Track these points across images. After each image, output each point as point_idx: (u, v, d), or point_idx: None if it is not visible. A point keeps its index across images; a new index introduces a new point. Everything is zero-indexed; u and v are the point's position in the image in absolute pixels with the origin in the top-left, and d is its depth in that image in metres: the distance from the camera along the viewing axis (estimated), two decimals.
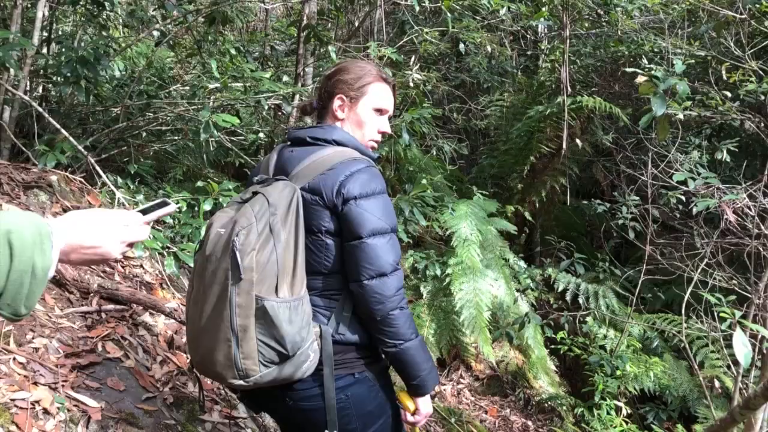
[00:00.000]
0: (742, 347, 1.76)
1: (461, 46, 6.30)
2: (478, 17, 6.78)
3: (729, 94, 4.04)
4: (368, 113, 1.97)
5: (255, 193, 1.78)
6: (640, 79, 2.77)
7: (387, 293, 1.75)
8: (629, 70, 3.05)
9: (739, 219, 3.83)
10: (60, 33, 5.33)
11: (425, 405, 1.95)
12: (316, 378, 1.77)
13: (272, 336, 1.65)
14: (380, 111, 2.00)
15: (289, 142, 1.98)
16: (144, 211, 1.27)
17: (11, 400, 2.31)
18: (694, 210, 3.65)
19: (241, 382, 1.69)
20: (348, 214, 1.76)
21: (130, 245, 1.21)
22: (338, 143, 1.87)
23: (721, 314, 2.09)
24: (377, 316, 1.77)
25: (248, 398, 1.96)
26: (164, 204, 1.32)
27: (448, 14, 5.33)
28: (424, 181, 4.87)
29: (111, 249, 1.15)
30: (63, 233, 1.07)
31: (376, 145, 2.04)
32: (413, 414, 1.95)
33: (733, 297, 2.79)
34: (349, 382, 1.83)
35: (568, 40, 5.81)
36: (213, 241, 1.72)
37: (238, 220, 1.69)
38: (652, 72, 2.74)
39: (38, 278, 0.97)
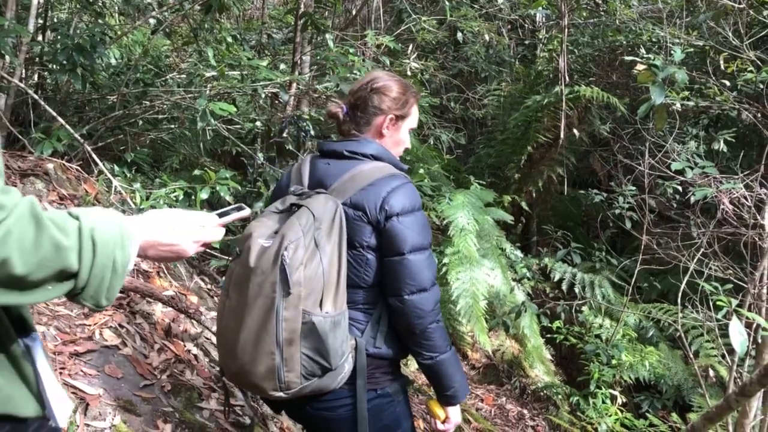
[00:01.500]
0: (738, 335, 1.77)
1: (459, 35, 6.28)
2: (476, 5, 6.76)
3: (728, 83, 4.03)
4: (406, 133, 2.00)
5: (295, 205, 1.79)
6: (640, 67, 2.77)
7: (426, 308, 1.79)
8: (628, 58, 3.05)
9: (736, 209, 3.84)
10: (55, 20, 5.29)
11: (455, 414, 1.99)
12: (343, 389, 1.80)
13: (317, 350, 1.68)
14: (410, 131, 2.04)
15: (319, 153, 1.99)
16: (220, 215, 1.34)
17: None
18: (692, 199, 3.66)
19: (281, 394, 1.71)
20: (391, 230, 1.78)
21: (205, 245, 1.27)
22: (375, 158, 1.88)
23: (718, 303, 2.10)
24: (417, 330, 1.80)
25: (270, 401, 1.97)
26: (240, 209, 1.39)
27: (447, 2, 5.30)
28: (421, 171, 4.86)
29: (186, 248, 1.22)
30: (142, 231, 1.13)
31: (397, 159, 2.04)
32: (443, 422, 2.00)
33: (729, 286, 2.81)
34: (370, 396, 1.86)
35: (566, 30, 5.79)
36: (257, 253, 1.71)
37: (286, 234, 1.69)
38: (651, 61, 2.74)
39: (118, 273, 1.04)
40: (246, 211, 1.39)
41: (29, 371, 1.10)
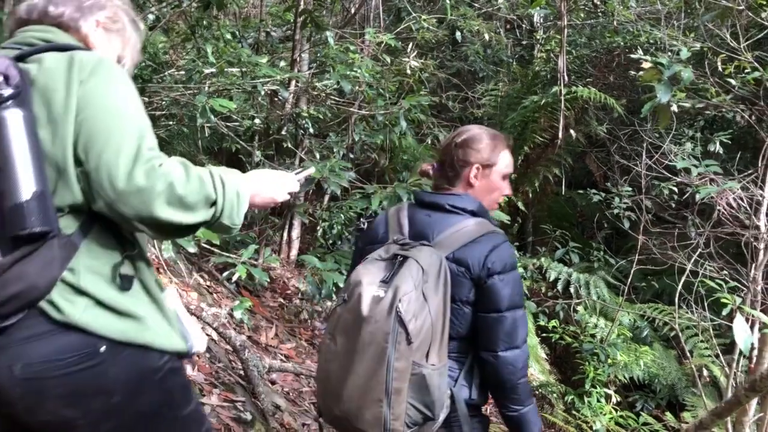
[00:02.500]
0: (743, 333, 1.78)
1: (458, 34, 6.29)
2: (476, 5, 6.77)
3: (733, 82, 4.05)
4: (498, 180, 2.02)
5: (401, 256, 1.82)
6: (645, 65, 2.78)
7: (518, 365, 1.85)
8: (634, 56, 3.06)
9: (732, 210, 3.86)
10: None
11: None
12: None
13: (422, 401, 1.74)
14: (506, 177, 2.05)
15: (417, 203, 2.03)
16: (296, 173, 1.71)
17: None
18: (697, 197, 3.67)
19: None
20: (491, 288, 1.83)
21: (290, 194, 1.64)
22: (475, 214, 1.93)
23: (723, 300, 2.12)
24: (507, 385, 1.86)
25: None
26: (305, 168, 1.78)
27: (447, 1, 5.31)
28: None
29: (279, 194, 1.59)
30: (249, 183, 1.49)
31: (496, 207, 2.12)
32: None
33: (733, 284, 2.83)
34: None
35: (565, 30, 5.82)
36: (370, 302, 1.75)
37: (400, 286, 1.73)
38: (657, 59, 2.75)
39: (242, 201, 1.42)
40: (311, 169, 1.80)
41: (168, 310, 1.44)
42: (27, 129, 1.23)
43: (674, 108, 3.92)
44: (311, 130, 5.02)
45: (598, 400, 4.81)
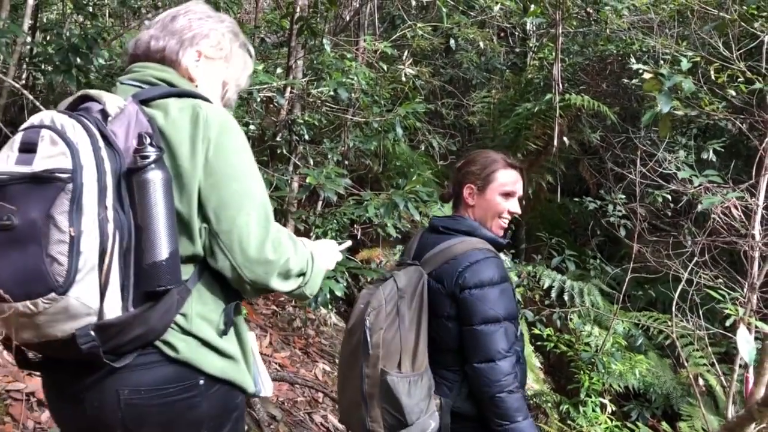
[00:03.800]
0: (746, 343, 1.77)
1: (452, 41, 6.29)
2: (472, 13, 6.77)
3: (732, 93, 4.07)
4: (496, 198, 2.11)
5: (389, 276, 2.02)
6: (646, 75, 2.79)
7: (494, 378, 1.89)
8: (633, 66, 3.06)
9: (727, 218, 3.87)
10: (45, 21, 5.23)
11: None
12: None
13: (393, 406, 1.87)
14: (508, 195, 2.13)
15: (428, 227, 2.21)
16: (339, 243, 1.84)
17: (6, 391, 2.27)
18: (699, 207, 3.69)
19: None
20: (463, 302, 1.94)
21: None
22: (467, 233, 2.05)
23: (727, 311, 2.11)
24: (485, 397, 1.91)
25: None
26: (344, 242, 1.89)
27: (443, 9, 5.32)
28: (415, 178, 4.87)
29: (332, 265, 1.72)
30: (321, 255, 1.64)
31: (505, 225, 2.17)
32: None
33: (732, 294, 2.82)
34: None
35: (560, 38, 5.83)
36: (356, 315, 1.99)
37: (370, 301, 1.94)
38: (656, 69, 2.76)
39: (323, 274, 1.59)
40: (348, 243, 1.94)
41: (251, 354, 1.54)
42: (166, 191, 1.30)
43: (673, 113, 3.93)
44: (306, 137, 5.00)
45: (594, 410, 4.79)
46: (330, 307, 5.25)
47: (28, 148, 1.25)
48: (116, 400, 1.31)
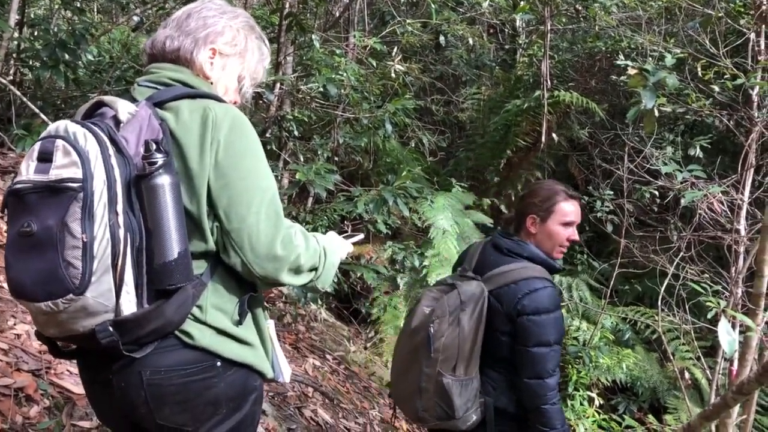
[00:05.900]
0: (727, 335, 1.81)
1: (441, 38, 6.31)
2: (461, 9, 6.78)
3: (717, 89, 4.12)
4: (556, 228, 2.29)
5: (453, 285, 2.21)
6: (631, 71, 2.83)
7: (541, 392, 2.12)
8: (619, 63, 3.09)
9: (713, 214, 3.91)
10: (32, 16, 5.21)
11: None
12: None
13: (445, 402, 2.13)
14: (568, 224, 2.31)
15: (491, 242, 2.37)
16: (347, 237, 1.91)
17: None
18: (682, 202, 3.73)
19: (421, 423, 2.22)
20: (521, 325, 2.13)
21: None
22: (529, 259, 2.24)
23: (708, 304, 2.15)
24: (531, 407, 2.14)
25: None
26: (355, 235, 1.98)
27: (432, 5, 5.33)
28: (405, 173, 4.89)
29: (344, 257, 1.79)
30: (332, 247, 1.69)
31: (564, 251, 2.36)
32: None
33: (719, 287, 2.86)
34: None
35: (548, 35, 5.86)
36: (420, 317, 2.20)
37: (435, 309, 2.16)
38: (643, 65, 2.79)
39: (334, 268, 1.67)
40: (360, 235, 2.01)
41: (269, 342, 1.63)
42: (174, 194, 1.36)
43: (655, 113, 3.95)
44: (296, 133, 5.01)
45: (582, 403, 4.84)
46: (320, 303, 5.27)
47: (45, 158, 1.32)
48: (139, 381, 1.41)
